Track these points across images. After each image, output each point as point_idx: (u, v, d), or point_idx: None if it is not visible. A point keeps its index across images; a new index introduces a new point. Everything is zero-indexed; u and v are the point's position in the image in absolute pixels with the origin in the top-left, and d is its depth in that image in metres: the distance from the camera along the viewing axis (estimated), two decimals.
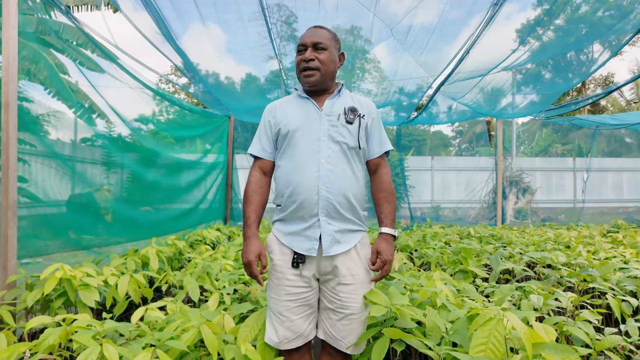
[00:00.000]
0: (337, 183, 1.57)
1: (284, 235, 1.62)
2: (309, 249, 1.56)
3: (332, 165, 1.58)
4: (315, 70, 1.62)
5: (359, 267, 1.62)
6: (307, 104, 1.66)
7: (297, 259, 1.58)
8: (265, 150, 1.69)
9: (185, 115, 5.97)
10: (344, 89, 1.73)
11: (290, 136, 1.61)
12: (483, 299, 2.43)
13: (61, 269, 2.38)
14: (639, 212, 11.69)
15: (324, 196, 1.55)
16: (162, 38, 4.27)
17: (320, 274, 1.61)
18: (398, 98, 6.93)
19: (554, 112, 7.51)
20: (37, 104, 3.35)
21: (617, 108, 19.33)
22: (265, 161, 1.70)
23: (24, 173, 3.03)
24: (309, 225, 1.57)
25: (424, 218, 9.33)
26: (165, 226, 5.03)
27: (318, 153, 1.58)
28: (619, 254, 3.98)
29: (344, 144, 1.61)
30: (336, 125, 1.61)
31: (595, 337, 1.91)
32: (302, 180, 1.56)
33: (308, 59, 1.61)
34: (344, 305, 1.59)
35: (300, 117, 1.63)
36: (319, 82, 1.64)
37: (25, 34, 3.35)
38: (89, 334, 1.62)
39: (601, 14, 4.58)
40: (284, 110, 1.68)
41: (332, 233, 1.57)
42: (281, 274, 1.59)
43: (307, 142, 1.60)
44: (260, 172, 1.69)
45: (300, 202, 1.56)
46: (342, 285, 1.59)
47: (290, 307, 1.58)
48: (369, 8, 4.10)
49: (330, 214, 1.57)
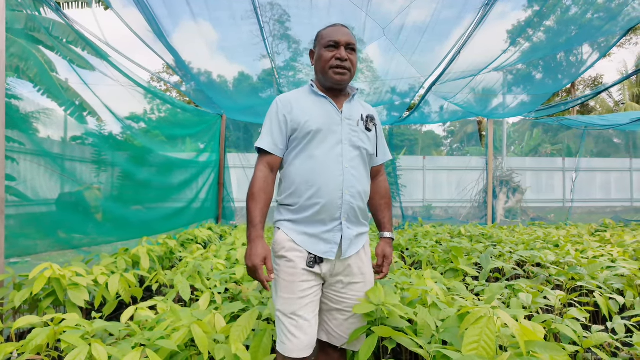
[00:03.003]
0: (358, 187, 1.58)
1: (298, 235, 1.55)
2: (327, 252, 1.53)
3: (354, 170, 1.57)
4: (347, 70, 1.59)
5: (367, 265, 1.67)
6: (326, 104, 1.62)
7: (314, 260, 1.53)
8: (276, 146, 1.59)
9: (177, 113, 5.94)
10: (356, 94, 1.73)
11: (313, 136, 1.55)
12: (473, 298, 2.46)
13: (50, 268, 2.35)
14: (626, 212, 11.87)
15: (347, 200, 1.54)
16: (153, 36, 4.23)
17: (331, 275, 1.58)
18: (390, 98, 6.96)
19: (544, 113, 7.59)
20: (26, 101, 3.31)
21: (605, 109, 19.59)
22: (274, 157, 1.59)
23: (12, 171, 2.99)
24: (330, 229, 1.54)
25: (416, 217, 9.38)
26: (156, 225, 5.00)
27: (341, 156, 1.55)
28: (606, 252, 4.03)
29: (364, 149, 1.61)
30: (356, 130, 1.61)
31: (583, 334, 1.93)
32: (327, 182, 1.52)
33: (345, 59, 1.57)
34: (351, 305, 1.60)
35: (321, 117, 1.58)
36: (346, 82, 1.61)
37: (14, 30, 3.30)
38: (78, 334, 1.61)
39: (590, 15, 4.65)
40: (301, 106, 1.60)
41: (351, 237, 1.57)
42: (295, 270, 1.52)
43: (330, 144, 1.56)
44: (268, 169, 1.58)
45: (323, 205, 1.52)
46: (353, 285, 1.61)
47: (304, 304, 1.51)
48: (361, 8, 4.11)
49: (351, 219, 1.57)
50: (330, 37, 1.59)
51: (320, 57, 1.61)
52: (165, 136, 5.69)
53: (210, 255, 3.60)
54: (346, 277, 1.60)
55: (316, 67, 1.64)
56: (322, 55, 1.60)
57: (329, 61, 1.58)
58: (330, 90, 1.64)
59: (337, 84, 1.60)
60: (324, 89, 1.65)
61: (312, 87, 1.65)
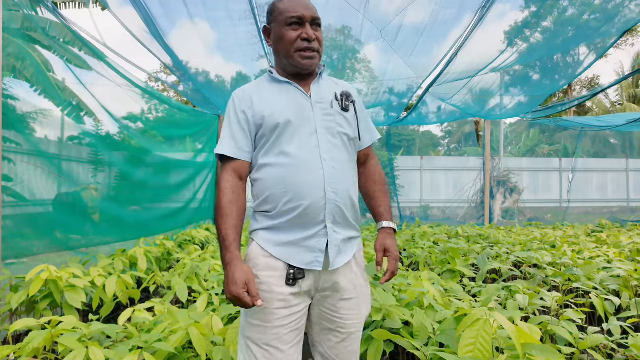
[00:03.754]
0: (342, 182, 1.32)
1: (275, 246, 1.30)
2: (311, 262, 1.28)
3: (335, 162, 1.31)
4: (316, 52, 1.33)
5: (359, 277, 1.40)
6: (291, 90, 1.36)
7: (295, 274, 1.27)
8: (241, 150, 1.34)
9: (174, 113, 5.93)
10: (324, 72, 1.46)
11: (282, 130, 1.30)
12: (470, 299, 2.47)
13: (47, 270, 2.35)
14: (622, 212, 11.94)
15: (331, 199, 1.29)
16: (150, 36, 4.22)
17: (317, 291, 1.33)
18: (388, 98, 6.97)
19: (541, 114, 7.62)
20: (22, 101, 3.29)
21: (602, 109, 19.67)
22: (241, 162, 1.34)
23: (9, 172, 2.98)
24: (312, 234, 1.29)
25: (413, 217, 9.40)
26: (153, 226, 4.99)
27: (318, 148, 1.30)
28: (602, 253, 4.06)
29: (344, 135, 1.36)
30: (331, 114, 1.35)
31: (579, 336, 1.95)
32: (306, 182, 1.27)
33: (312, 39, 1.31)
34: (346, 325, 1.36)
35: (288, 105, 1.33)
36: (316, 65, 1.37)
37: (11, 30, 3.29)
38: (75, 337, 1.61)
39: (587, 17, 4.67)
40: (262, 98, 1.35)
41: (338, 243, 1.31)
42: (269, 294, 1.26)
43: (303, 136, 1.31)
44: (236, 177, 1.33)
45: (305, 208, 1.27)
46: (344, 301, 1.35)
47: (281, 334, 1.26)
48: (358, 9, 4.12)
49: (337, 220, 1.31)
50: (293, 12, 1.31)
51: (282, 37, 1.33)
52: (162, 136, 5.69)
53: (208, 256, 3.60)
54: (336, 293, 1.34)
55: (277, 49, 1.37)
56: (285, 35, 1.32)
57: (293, 42, 1.31)
58: (295, 75, 1.38)
59: (305, 69, 1.35)
60: (286, 74, 1.39)
61: (272, 74, 1.40)
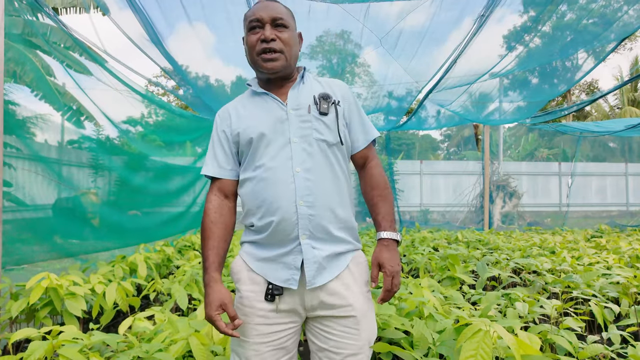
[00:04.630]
0: (320, 195, 1.25)
1: (255, 261, 1.28)
2: (287, 280, 1.23)
3: (310, 173, 1.25)
4: (279, 53, 1.28)
5: (355, 292, 1.27)
6: (267, 101, 1.32)
7: (273, 290, 1.23)
8: (223, 168, 1.34)
9: (174, 118, 5.94)
10: (307, 74, 1.40)
11: (255, 144, 1.28)
12: (470, 307, 2.47)
13: (47, 277, 2.34)
14: (622, 216, 11.96)
15: (304, 214, 1.22)
16: (149, 42, 4.23)
17: (306, 310, 1.27)
18: (388, 102, 6.98)
19: (540, 119, 7.65)
20: (22, 106, 3.30)
21: (601, 113, 19.72)
22: (225, 181, 1.34)
23: (10, 178, 2.98)
24: (288, 250, 1.24)
25: (413, 222, 9.41)
26: (153, 231, 4.99)
27: (290, 159, 1.25)
28: (602, 259, 4.07)
29: (322, 142, 1.28)
30: (308, 120, 1.28)
31: (579, 345, 1.95)
32: (275, 196, 1.23)
33: (269, 39, 1.26)
34: (341, 345, 1.24)
35: (261, 118, 1.30)
36: (284, 67, 1.30)
37: (11, 35, 3.30)
38: (76, 348, 1.61)
39: (586, 22, 4.69)
40: (239, 114, 1.34)
41: (319, 260, 1.24)
42: (250, 309, 1.24)
43: (275, 148, 1.27)
44: (221, 196, 1.34)
45: (276, 223, 1.23)
46: (337, 319, 1.25)
47: (261, 351, 1.22)
48: (358, 18, 4.14)
49: (316, 235, 1.24)
50: (252, 16, 1.29)
51: (246, 43, 1.32)
52: (162, 141, 5.69)
53: None
54: (327, 311, 1.25)
55: (248, 58, 1.35)
56: (248, 40, 1.31)
57: (255, 46, 1.29)
58: (272, 82, 1.34)
59: (271, 73, 1.30)
60: (264, 82, 1.36)
61: (250, 87, 1.38)
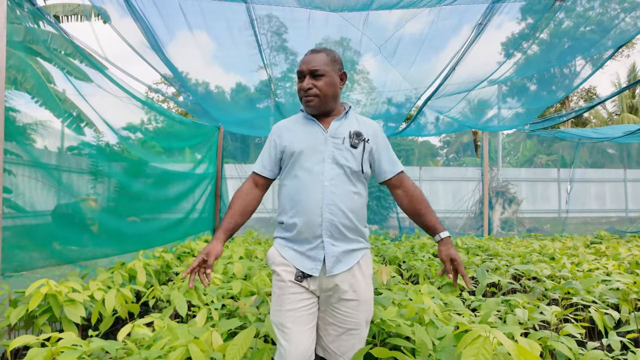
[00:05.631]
0: (340, 205, 1.60)
1: (288, 251, 1.66)
2: (312, 269, 1.60)
3: (335, 188, 1.61)
4: (314, 97, 1.65)
5: (361, 283, 1.65)
6: (313, 126, 1.70)
7: (301, 274, 1.61)
8: (264, 168, 1.75)
9: (174, 125, 5.95)
10: (352, 112, 1.77)
11: (296, 157, 1.65)
12: (470, 313, 2.47)
13: (46, 284, 2.34)
14: (621, 222, 11.96)
15: (327, 218, 1.59)
16: (150, 49, 4.26)
17: (322, 291, 1.64)
18: (387, 109, 7.01)
19: (539, 125, 7.67)
20: (23, 113, 3.31)
21: (599, 120, 19.79)
22: (261, 177, 1.75)
23: (10, 184, 2.98)
24: (313, 246, 1.61)
25: (412, 228, 9.39)
26: (153, 238, 4.97)
27: (322, 174, 1.61)
28: (601, 265, 4.06)
29: (347, 167, 1.64)
30: (341, 148, 1.65)
31: (579, 351, 1.94)
32: (307, 201, 1.60)
33: (306, 88, 1.65)
34: (345, 320, 1.62)
35: (306, 138, 1.67)
36: (319, 106, 1.67)
37: (12, 42, 3.31)
38: (75, 355, 1.60)
39: (583, 29, 4.73)
40: (289, 130, 1.72)
41: (336, 254, 1.60)
42: (284, 283, 1.62)
43: (312, 164, 1.63)
44: (252, 184, 1.75)
45: (304, 222, 1.60)
46: (344, 301, 1.62)
47: (293, 317, 1.58)
48: (357, 26, 4.17)
49: (334, 235, 1.61)
50: (298, 69, 1.70)
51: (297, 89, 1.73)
52: (162, 147, 5.70)
53: None
54: (336, 293, 1.62)
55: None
56: (298, 86, 1.71)
57: (299, 91, 1.70)
58: (317, 114, 1.72)
59: (311, 111, 1.70)
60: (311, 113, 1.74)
61: (302, 112, 1.76)
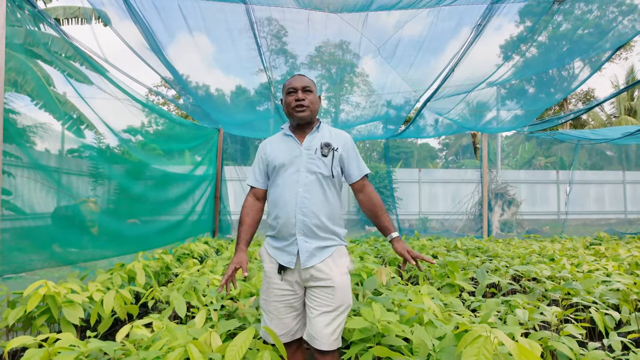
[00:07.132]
0: (312, 208, 1.87)
1: (271, 249, 1.96)
2: (289, 262, 1.88)
3: (308, 193, 1.89)
4: (306, 107, 1.94)
5: (334, 272, 1.88)
6: (290, 141, 1.98)
7: (281, 267, 1.90)
8: (257, 180, 2.05)
9: (174, 127, 5.96)
10: (323, 125, 2.03)
11: (277, 169, 1.95)
12: (470, 314, 2.46)
13: (45, 285, 2.33)
14: (620, 224, 11.95)
15: (300, 219, 1.87)
16: (150, 51, 4.26)
17: (303, 281, 1.89)
18: (386, 111, 7.01)
19: (538, 127, 7.68)
20: (23, 115, 3.31)
21: (598, 122, 19.82)
22: (257, 189, 2.06)
23: (9, 186, 2.98)
24: (289, 243, 1.89)
25: (412, 230, 9.39)
26: (152, 239, 4.96)
27: (297, 182, 1.89)
28: (601, 266, 4.06)
29: (319, 173, 1.91)
30: (313, 158, 1.92)
31: (580, 351, 1.94)
32: (284, 205, 1.89)
33: (301, 99, 1.93)
34: (320, 303, 1.84)
35: (284, 153, 1.95)
36: (308, 116, 1.95)
37: (13, 45, 3.32)
38: (72, 355, 1.59)
39: (581, 32, 4.74)
40: (272, 147, 2.01)
41: (310, 250, 1.87)
42: (270, 279, 1.93)
43: (289, 174, 1.92)
44: (254, 198, 2.06)
45: (282, 223, 1.89)
46: (321, 288, 1.86)
47: (277, 307, 1.90)
48: (356, 28, 4.17)
49: (307, 234, 1.88)
50: (290, 85, 1.97)
51: (285, 102, 1.99)
52: (162, 150, 5.69)
53: (207, 270, 3.58)
54: (315, 282, 1.86)
55: (285, 111, 2.01)
56: (286, 100, 1.98)
57: (290, 104, 1.96)
58: (298, 127, 2.00)
59: (301, 120, 1.96)
60: (293, 127, 2.02)
61: (282, 130, 2.04)
